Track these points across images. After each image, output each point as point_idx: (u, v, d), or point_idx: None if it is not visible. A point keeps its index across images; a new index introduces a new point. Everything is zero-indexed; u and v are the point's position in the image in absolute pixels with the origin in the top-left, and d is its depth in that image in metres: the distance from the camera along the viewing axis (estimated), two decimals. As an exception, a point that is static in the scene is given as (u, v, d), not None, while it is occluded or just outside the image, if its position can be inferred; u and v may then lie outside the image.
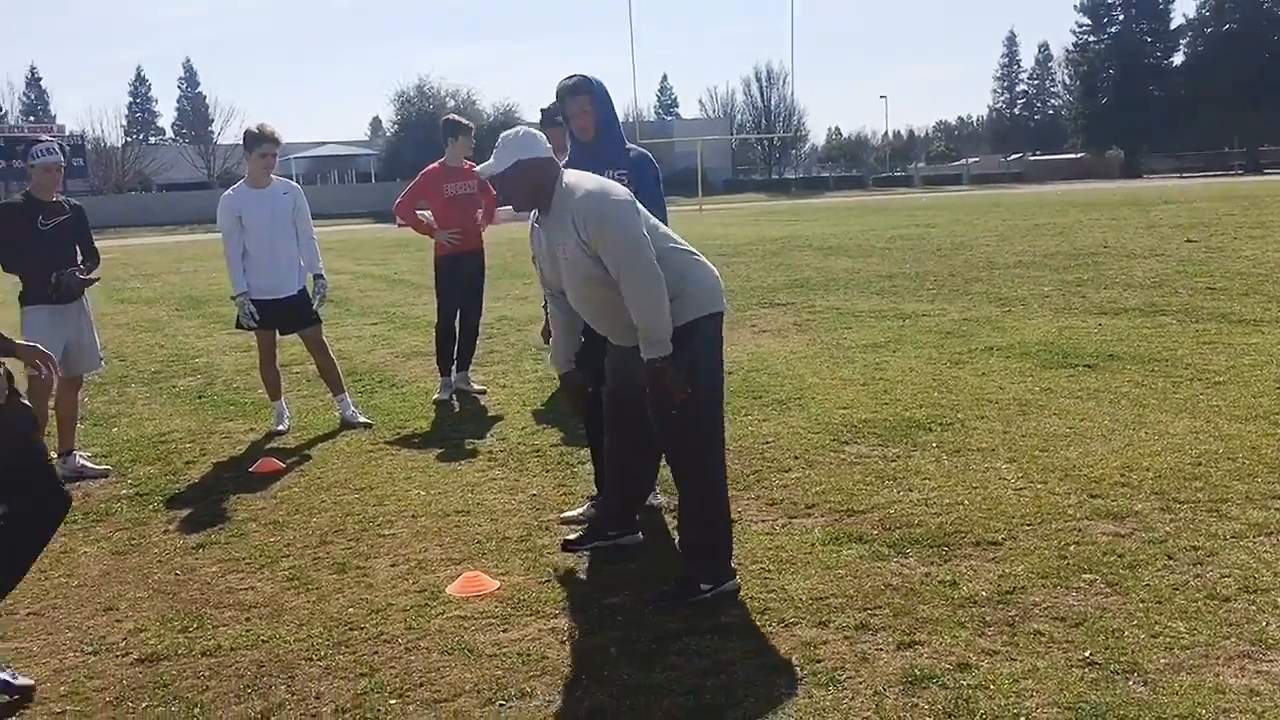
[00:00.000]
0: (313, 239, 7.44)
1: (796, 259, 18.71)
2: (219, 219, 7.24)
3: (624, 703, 3.34)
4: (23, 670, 3.76)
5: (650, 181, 5.22)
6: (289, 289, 7.28)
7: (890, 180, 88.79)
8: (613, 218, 3.93)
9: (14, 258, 6.01)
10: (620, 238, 3.91)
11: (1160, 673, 3.29)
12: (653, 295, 3.89)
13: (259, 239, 7.14)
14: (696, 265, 4.15)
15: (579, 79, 5.02)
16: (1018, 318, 10.46)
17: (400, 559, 4.74)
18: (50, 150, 6.17)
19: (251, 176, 7.22)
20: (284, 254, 7.24)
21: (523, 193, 4.11)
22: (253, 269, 7.16)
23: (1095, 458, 5.57)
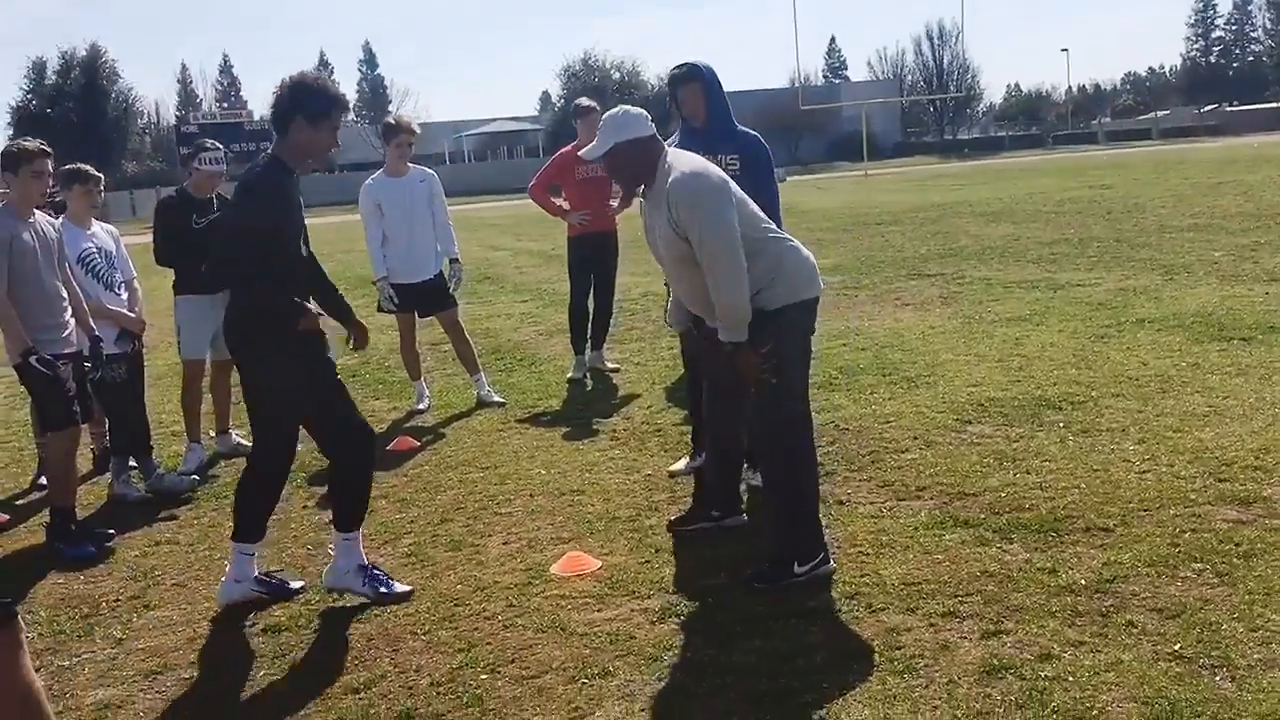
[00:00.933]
0: (448, 224, 7.72)
1: (954, 226, 18.23)
2: (360, 206, 7.59)
3: (701, 683, 3.43)
4: (158, 637, 4.11)
5: (761, 165, 5.30)
6: (426, 273, 7.58)
7: (1072, 138, 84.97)
8: (703, 202, 3.98)
9: (170, 251, 6.46)
10: (707, 222, 3.95)
11: (1251, 669, 3.17)
12: (732, 282, 3.94)
13: (397, 225, 7.45)
14: (789, 252, 4.18)
15: (690, 67, 5.18)
16: (1179, 287, 9.97)
17: (512, 537, 4.93)
18: (216, 160, 6.50)
19: (390, 165, 7.54)
20: (421, 239, 7.54)
21: (624, 173, 4.25)
22: (392, 254, 7.49)
23: (1231, 439, 5.32)
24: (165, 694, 3.69)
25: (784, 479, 4.18)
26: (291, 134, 4.11)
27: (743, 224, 4.04)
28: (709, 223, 3.95)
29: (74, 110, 69.99)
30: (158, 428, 7.36)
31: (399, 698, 3.51)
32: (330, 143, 4.19)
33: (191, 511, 5.74)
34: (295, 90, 4.12)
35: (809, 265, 4.23)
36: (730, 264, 3.94)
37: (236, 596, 4.32)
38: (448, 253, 7.72)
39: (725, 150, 5.21)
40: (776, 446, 4.18)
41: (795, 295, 4.10)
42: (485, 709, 3.39)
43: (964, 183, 34.29)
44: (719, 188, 4.04)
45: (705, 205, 3.97)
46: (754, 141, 5.32)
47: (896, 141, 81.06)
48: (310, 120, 4.10)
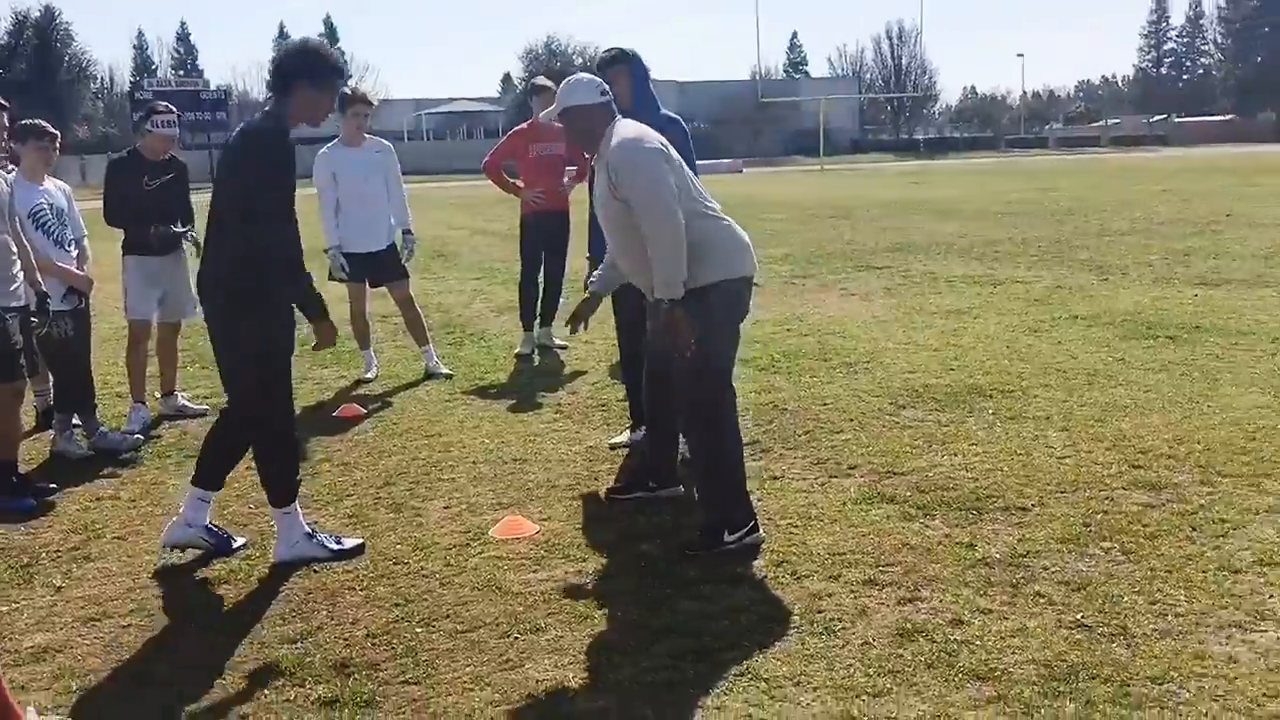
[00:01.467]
0: (403, 196, 7.78)
1: (906, 222, 18.51)
2: (314, 174, 7.61)
3: (629, 640, 3.56)
4: (97, 586, 4.18)
5: (679, 144, 5.38)
6: (379, 244, 7.64)
7: (1024, 142, 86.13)
8: (640, 164, 4.15)
9: (118, 211, 6.46)
10: (644, 183, 4.10)
11: (1146, 637, 3.36)
12: (670, 240, 4.06)
13: (350, 195, 7.51)
14: (722, 229, 4.32)
15: (618, 51, 5.39)
16: (1112, 286, 10.27)
17: (454, 502, 5.03)
18: (169, 123, 6.46)
19: (345, 135, 7.58)
20: (374, 210, 7.60)
21: (576, 136, 4.46)
22: (344, 223, 7.54)
23: (1149, 429, 5.55)
24: (103, 639, 3.76)
25: (707, 451, 4.34)
26: (295, 95, 4.17)
27: (681, 196, 4.17)
28: (646, 183, 4.11)
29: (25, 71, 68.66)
30: (103, 388, 7.37)
31: (335, 648, 3.61)
32: (329, 108, 4.31)
33: (134, 469, 5.78)
34: (304, 53, 4.25)
35: (742, 244, 4.36)
36: (666, 222, 4.06)
37: (182, 540, 4.40)
38: (401, 224, 7.78)
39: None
40: (698, 419, 4.33)
41: (726, 272, 4.24)
42: (418, 660, 3.50)
43: (917, 181, 34.71)
44: (657, 151, 4.20)
45: (641, 167, 4.14)
46: (674, 123, 5.46)
47: (854, 138, 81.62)
48: (314, 84, 4.19)
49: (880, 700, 3.09)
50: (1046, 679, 3.14)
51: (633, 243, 4.24)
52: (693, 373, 4.23)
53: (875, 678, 3.22)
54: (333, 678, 3.41)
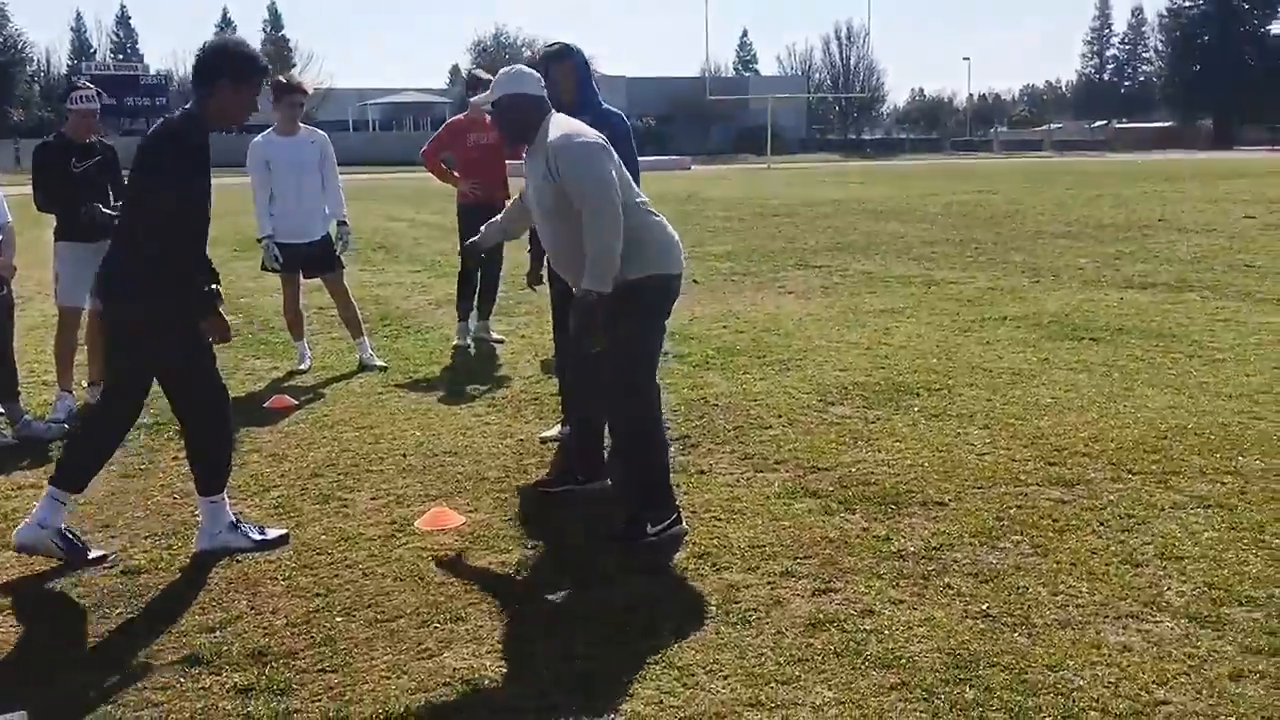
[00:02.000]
0: (338, 187, 7.75)
1: (847, 222, 18.71)
2: (248, 164, 7.56)
3: (551, 628, 3.61)
4: (15, 572, 4.15)
5: (621, 138, 5.44)
6: (313, 234, 7.61)
7: (969, 145, 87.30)
8: (583, 157, 4.18)
9: (48, 196, 6.38)
10: (588, 175, 4.14)
11: (1046, 627, 3.47)
12: (608, 232, 4.09)
13: (285, 185, 7.47)
14: (654, 226, 4.38)
15: (562, 46, 5.39)
16: (1043, 289, 10.48)
17: (381, 493, 5.05)
18: (89, 98, 6.47)
19: (280, 124, 7.54)
20: (309, 200, 7.56)
21: (510, 126, 4.48)
22: (279, 213, 7.50)
23: (1066, 427, 5.69)
24: (19, 629, 3.73)
25: (628, 445, 4.43)
26: (215, 94, 4.10)
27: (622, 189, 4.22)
28: (589, 175, 4.14)
29: (-43, 52, 67.21)
30: (30, 376, 7.28)
31: (254, 637, 3.62)
32: (251, 108, 4.22)
33: (57, 458, 5.71)
34: (223, 51, 4.19)
35: (672, 242, 4.42)
36: (607, 214, 4.10)
37: (30, 541, 4.21)
38: (336, 215, 7.76)
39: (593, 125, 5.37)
40: (620, 414, 4.43)
41: (653, 268, 4.30)
42: (337, 648, 3.52)
43: (861, 181, 35.06)
44: (598, 146, 4.26)
45: (584, 160, 4.18)
46: (617, 118, 5.48)
47: (802, 138, 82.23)
48: (234, 83, 4.11)
49: (788, 687, 3.17)
50: (949, 666, 3.23)
51: (565, 234, 4.28)
52: (615, 370, 4.30)
53: (785, 666, 3.29)
54: (250, 666, 3.42)
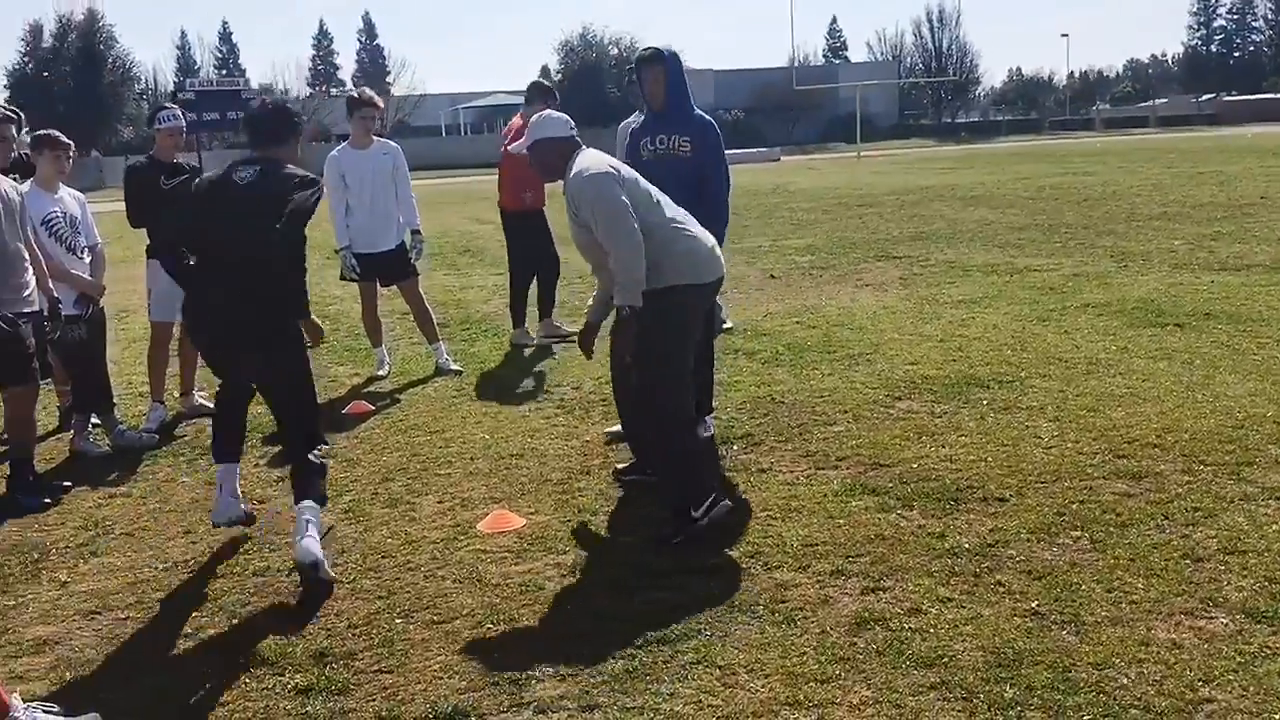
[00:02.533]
0: (411, 197, 7.95)
1: (932, 209, 18.45)
2: (325, 177, 7.77)
3: (599, 628, 3.69)
4: (101, 580, 4.37)
5: (710, 147, 5.61)
6: (387, 244, 7.81)
7: (1068, 124, 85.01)
8: (595, 192, 4.45)
9: (141, 214, 6.71)
10: (602, 208, 4.42)
11: (1096, 624, 3.43)
12: (628, 254, 4.37)
13: (359, 196, 7.69)
14: (682, 239, 4.57)
15: (654, 51, 5.57)
16: (1131, 274, 10.22)
17: (447, 497, 5.18)
18: (174, 117, 6.81)
19: (354, 138, 7.77)
20: (383, 211, 7.77)
21: (542, 165, 4.77)
22: (354, 224, 7.72)
23: (1139, 418, 5.57)
24: (101, 632, 3.94)
25: (657, 438, 4.62)
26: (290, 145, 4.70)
27: (640, 210, 4.45)
28: (604, 206, 4.42)
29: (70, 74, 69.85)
30: (128, 388, 7.62)
31: (317, 638, 3.77)
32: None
33: (149, 467, 5.98)
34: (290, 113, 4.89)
35: (701, 253, 4.60)
36: (625, 239, 4.37)
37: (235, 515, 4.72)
38: (410, 224, 7.95)
39: (679, 132, 5.54)
40: (648, 410, 4.61)
41: (681, 278, 4.50)
42: (394, 649, 3.65)
43: (953, 167, 34.44)
44: (608, 177, 4.48)
45: (597, 194, 4.44)
46: (707, 125, 5.60)
47: (893, 124, 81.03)
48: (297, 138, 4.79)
49: (827, 686, 3.20)
50: (991, 665, 3.22)
51: (602, 259, 4.57)
52: (642, 370, 4.55)
53: (826, 665, 3.32)
54: (311, 667, 3.56)
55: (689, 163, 5.48)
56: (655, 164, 5.39)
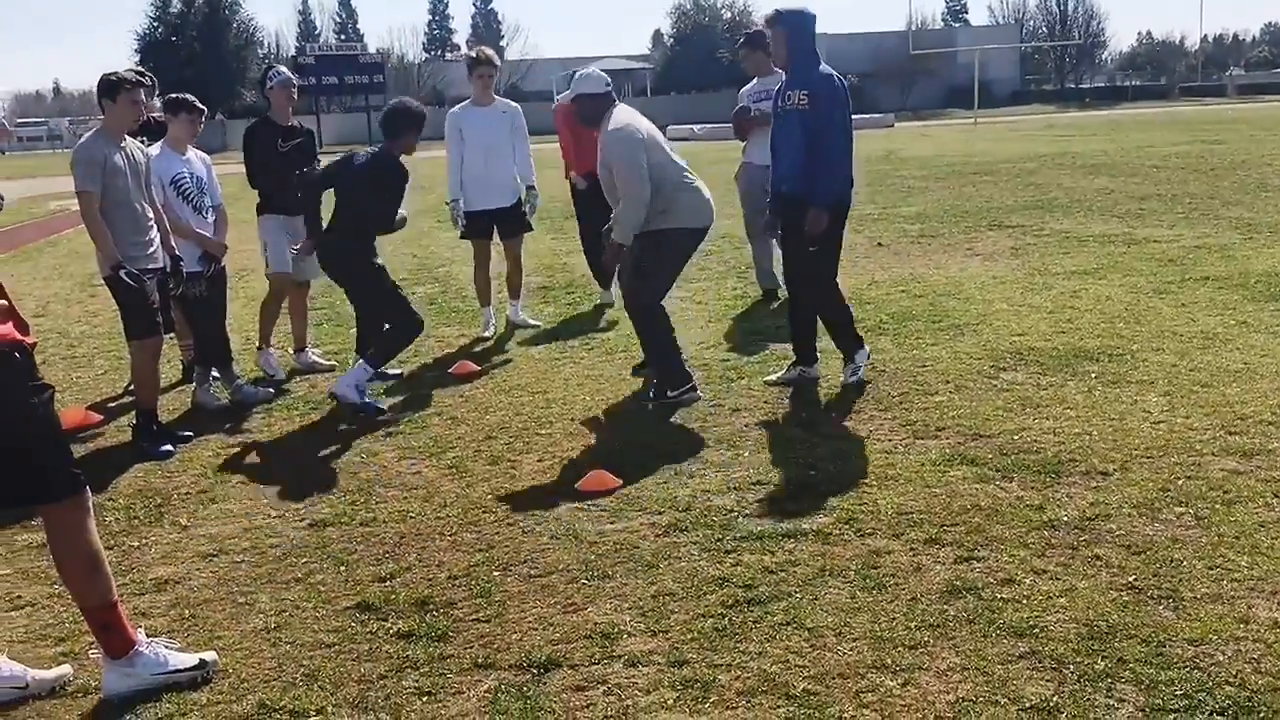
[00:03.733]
0: (528, 155, 8.17)
1: (1050, 178, 17.96)
2: (445, 131, 8.06)
3: (688, 587, 3.75)
4: (218, 526, 4.60)
5: (822, 101, 5.90)
6: (503, 201, 8.02)
7: (1200, 90, 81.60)
8: (620, 150, 5.81)
9: (261, 173, 6.97)
10: (623, 165, 5.78)
11: (1195, 601, 3.37)
12: (633, 207, 5.78)
13: (475, 152, 7.89)
14: (687, 192, 5.92)
15: (775, 12, 6.05)
16: (1256, 246, 9.84)
17: (548, 456, 5.29)
18: (283, 73, 7.11)
19: (475, 95, 8.02)
20: (498, 168, 7.97)
21: (582, 116, 6.19)
22: (468, 179, 7.96)
23: (1254, 395, 5.41)
24: (218, 574, 4.14)
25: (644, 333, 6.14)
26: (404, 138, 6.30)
27: (658, 167, 5.80)
28: (625, 164, 5.78)
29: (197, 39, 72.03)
30: (245, 344, 7.91)
31: (419, 586, 3.91)
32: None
33: (264, 420, 6.23)
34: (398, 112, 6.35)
35: (702, 205, 5.96)
36: (635, 195, 5.75)
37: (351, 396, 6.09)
38: (526, 181, 8.14)
39: (800, 87, 5.92)
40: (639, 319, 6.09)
41: (681, 223, 5.90)
42: (491, 600, 3.77)
43: (1074, 134, 33.42)
44: (636, 140, 5.81)
45: (619, 153, 5.81)
46: (826, 81, 5.90)
47: (1015, 90, 78.80)
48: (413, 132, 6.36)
49: (915, 652, 3.21)
50: (1083, 638, 3.20)
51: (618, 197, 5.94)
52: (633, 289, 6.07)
53: (915, 631, 3.33)
54: (413, 613, 3.70)
55: (807, 115, 5.85)
56: (783, 117, 6.01)
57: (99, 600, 3.23)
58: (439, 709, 3.10)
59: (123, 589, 3.92)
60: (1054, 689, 2.95)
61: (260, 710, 3.13)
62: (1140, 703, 2.86)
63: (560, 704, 3.08)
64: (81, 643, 3.54)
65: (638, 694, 3.10)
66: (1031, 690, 2.95)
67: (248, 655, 3.47)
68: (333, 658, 3.43)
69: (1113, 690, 2.93)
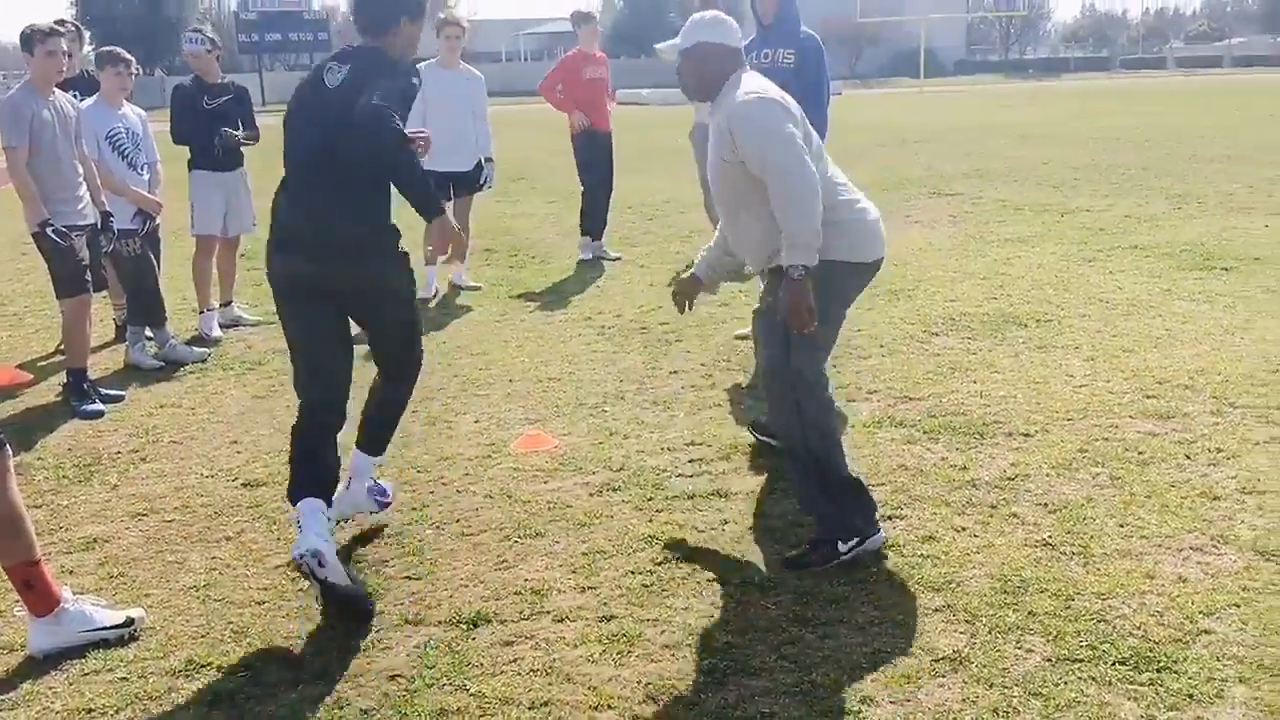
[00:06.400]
0: (487, 125, 8.22)
1: (990, 146, 18.17)
2: None
3: (622, 546, 3.81)
4: (149, 485, 4.58)
5: (811, 63, 5.98)
6: (462, 165, 8.02)
7: (1141, 62, 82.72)
8: (763, 120, 3.51)
9: (184, 130, 6.92)
10: (772, 138, 3.47)
11: (1105, 557, 3.49)
12: (804, 197, 3.41)
13: (438, 114, 7.82)
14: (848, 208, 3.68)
15: None
16: (1184, 216, 10.06)
17: (484, 417, 5.32)
18: (194, 40, 7.16)
19: (442, 57, 8.04)
20: (459, 132, 7.95)
21: (694, 76, 3.77)
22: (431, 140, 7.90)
23: (1173, 360, 5.56)
24: (147, 533, 4.13)
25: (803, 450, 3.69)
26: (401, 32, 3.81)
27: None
28: (774, 137, 3.47)
29: (134, -7, 70.29)
30: (181, 303, 7.82)
31: (350, 545, 3.93)
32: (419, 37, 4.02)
33: (198, 379, 6.18)
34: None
35: (869, 227, 3.73)
36: (797, 175, 3.42)
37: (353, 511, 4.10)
38: (483, 151, 8.14)
39: (785, 45, 5.91)
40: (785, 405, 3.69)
41: (842, 254, 3.59)
42: (423, 557, 3.80)
43: (1015, 103, 33.78)
44: (782, 106, 3.58)
45: (768, 122, 3.51)
46: (811, 42, 6.01)
47: (959, 59, 79.31)
48: (412, 19, 3.89)
49: (835, 606, 3.30)
50: (997, 591, 3.30)
51: (746, 210, 3.66)
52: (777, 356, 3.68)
53: (837, 587, 3.42)
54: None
55: (792, 73, 5.73)
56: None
57: (21, 558, 3.21)
58: (367, 663, 3.13)
59: (50, 548, 3.92)
60: (966, 640, 3.05)
61: (188, 666, 3.15)
62: (1047, 653, 2.97)
63: (488, 658, 3.13)
64: (7, 600, 3.53)
65: (565, 648, 3.16)
66: (944, 642, 3.05)
67: (176, 613, 3.48)
68: (263, 615, 3.45)
69: (1022, 641, 3.03)
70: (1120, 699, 2.76)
